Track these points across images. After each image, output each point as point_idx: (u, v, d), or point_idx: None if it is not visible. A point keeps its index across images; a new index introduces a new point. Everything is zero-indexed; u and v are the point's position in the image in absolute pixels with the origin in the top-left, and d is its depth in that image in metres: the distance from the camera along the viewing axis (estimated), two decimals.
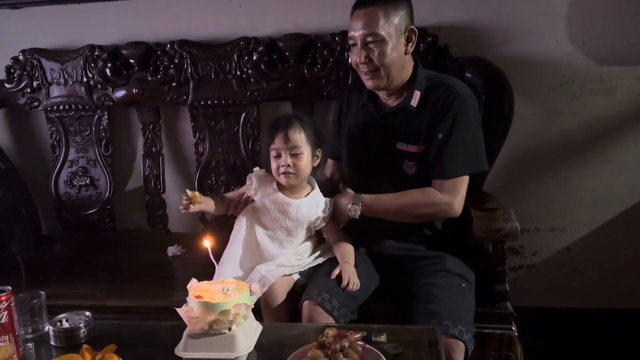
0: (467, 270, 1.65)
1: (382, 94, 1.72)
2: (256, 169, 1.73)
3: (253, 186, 1.69)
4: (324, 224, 1.67)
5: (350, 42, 1.65)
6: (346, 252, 1.64)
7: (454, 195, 1.61)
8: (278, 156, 1.60)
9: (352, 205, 1.65)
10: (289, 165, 1.58)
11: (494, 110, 1.99)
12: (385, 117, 1.71)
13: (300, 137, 1.60)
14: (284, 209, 1.64)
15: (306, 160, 1.61)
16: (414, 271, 1.63)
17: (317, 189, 1.70)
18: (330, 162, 1.92)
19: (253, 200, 1.70)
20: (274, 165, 1.62)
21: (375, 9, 1.57)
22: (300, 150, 1.59)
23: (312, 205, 1.67)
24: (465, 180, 1.63)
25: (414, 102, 1.64)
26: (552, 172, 2.21)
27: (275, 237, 1.65)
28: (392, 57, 1.60)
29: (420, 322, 1.43)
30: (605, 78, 2.10)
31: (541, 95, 2.14)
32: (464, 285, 1.59)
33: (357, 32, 1.60)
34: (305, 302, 1.50)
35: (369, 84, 1.67)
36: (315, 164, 1.66)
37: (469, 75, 2.01)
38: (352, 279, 1.54)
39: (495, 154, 2.04)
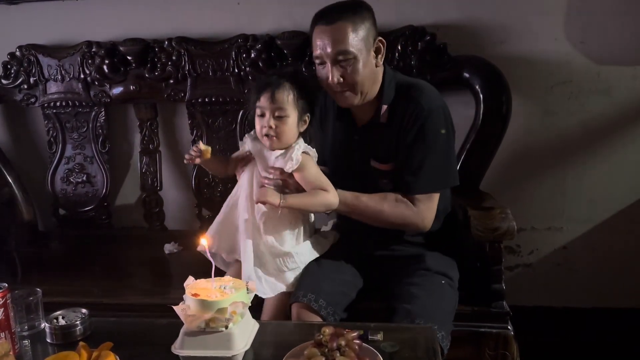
0: (448, 267, 1.64)
1: (353, 108, 1.64)
2: (247, 135, 1.65)
3: (247, 143, 1.62)
4: (290, 170, 1.51)
5: (317, 61, 1.55)
6: (307, 194, 1.52)
7: (425, 212, 1.57)
8: (262, 115, 1.50)
9: None
10: (270, 127, 1.48)
11: (491, 109, 2.00)
12: (358, 132, 1.65)
13: (287, 99, 1.48)
14: (262, 156, 1.57)
15: (291, 124, 1.50)
16: (395, 271, 1.63)
17: (297, 144, 1.54)
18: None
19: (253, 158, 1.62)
20: (257, 126, 1.52)
21: (343, 24, 1.48)
22: (285, 113, 1.48)
23: (284, 155, 1.53)
24: (435, 196, 1.58)
25: (383, 119, 1.58)
26: (549, 171, 2.21)
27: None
28: (365, 74, 1.52)
29: (397, 321, 1.42)
30: (603, 77, 2.10)
31: (539, 94, 2.14)
32: (443, 282, 1.59)
33: (325, 51, 1.50)
34: (293, 305, 1.50)
35: (341, 102, 1.59)
36: (301, 130, 1.54)
37: (467, 75, 2.02)
38: (261, 195, 1.45)
39: (492, 153, 2.05)
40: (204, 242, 1.28)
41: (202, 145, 1.54)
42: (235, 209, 1.61)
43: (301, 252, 1.59)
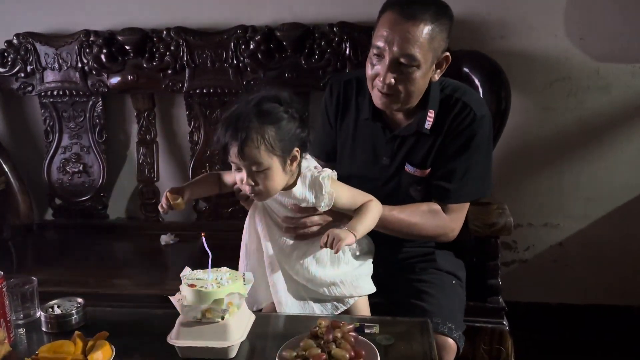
0: (457, 267, 1.63)
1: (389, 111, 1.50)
2: None
3: None
4: (329, 207, 1.29)
5: (375, 51, 1.37)
6: (356, 217, 1.28)
7: (456, 221, 1.50)
8: (238, 169, 1.23)
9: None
10: (251, 185, 1.22)
11: (490, 105, 1.99)
12: (394, 138, 1.51)
13: (259, 152, 1.17)
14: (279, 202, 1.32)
15: (275, 174, 1.21)
16: (404, 267, 1.61)
17: (320, 175, 1.27)
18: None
19: None
20: (237, 177, 1.25)
21: (421, 24, 1.31)
22: (264, 166, 1.19)
23: (306, 189, 1.29)
24: (467, 206, 1.52)
25: (428, 124, 1.44)
26: (547, 168, 2.21)
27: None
28: (419, 85, 1.38)
29: (410, 318, 1.41)
30: (602, 74, 2.10)
31: (538, 90, 2.14)
32: (454, 282, 1.58)
33: (389, 47, 1.33)
34: None
35: (379, 102, 1.43)
36: (293, 168, 1.24)
37: (467, 70, 2.01)
38: (334, 238, 1.19)
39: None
40: (203, 239, 1.24)
41: (171, 200, 1.31)
42: (256, 255, 1.37)
43: (349, 275, 1.36)
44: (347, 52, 2.09)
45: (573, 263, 2.27)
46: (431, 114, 1.44)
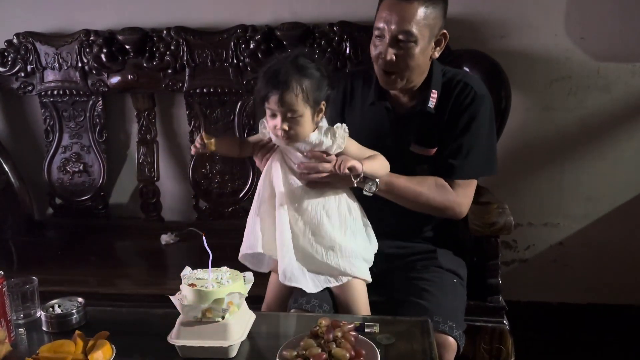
0: (458, 266, 1.63)
1: (394, 92, 1.59)
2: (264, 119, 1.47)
3: (267, 131, 1.45)
4: (336, 151, 1.40)
5: (376, 32, 1.49)
6: (374, 158, 1.40)
7: (464, 198, 1.54)
8: (274, 116, 1.36)
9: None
10: (284, 130, 1.35)
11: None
12: (398, 119, 1.58)
13: (297, 100, 1.33)
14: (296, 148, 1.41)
15: (306, 121, 1.36)
16: (406, 265, 1.61)
17: (337, 126, 1.41)
18: None
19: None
20: (270, 124, 1.38)
21: (417, 3, 1.42)
22: (298, 114, 1.34)
23: (322, 135, 1.40)
24: (474, 182, 1.57)
25: (432, 104, 1.53)
26: (547, 167, 2.21)
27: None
28: (418, 61, 1.47)
29: (410, 316, 1.39)
30: (602, 74, 2.10)
31: (538, 89, 2.14)
32: (455, 281, 1.58)
33: (388, 25, 1.44)
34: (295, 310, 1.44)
35: (384, 83, 1.53)
36: (318, 119, 1.40)
37: (467, 69, 2.01)
38: (344, 162, 1.30)
39: None
40: (204, 239, 1.25)
41: (206, 138, 1.43)
42: (267, 202, 1.43)
43: (349, 246, 1.40)
44: (347, 51, 2.09)
45: (573, 262, 2.27)
46: (434, 94, 1.53)
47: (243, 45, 2.14)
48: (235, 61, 2.16)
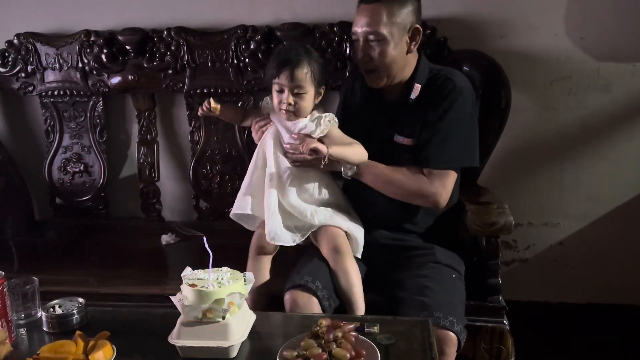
0: (456, 261, 1.66)
1: (382, 88, 1.69)
2: (267, 97, 1.69)
3: (268, 108, 1.67)
4: (318, 135, 1.57)
5: (353, 37, 1.63)
6: (346, 144, 1.57)
7: (440, 186, 1.58)
8: (281, 91, 1.56)
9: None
10: (290, 104, 1.55)
11: (490, 104, 1.99)
12: (385, 111, 1.69)
13: (305, 77, 1.54)
14: (287, 127, 1.61)
15: (309, 99, 1.57)
16: (403, 261, 1.64)
17: (325, 114, 1.61)
18: None
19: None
20: (275, 100, 1.59)
21: (379, 6, 1.54)
22: (304, 90, 1.55)
23: (312, 123, 1.59)
24: (452, 174, 1.60)
25: (413, 96, 1.62)
26: (547, 167, 2.21)
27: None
28: (393, 57, 1.57)
29: (410, 313, 1.43)
30: (603, 74, 2.10)
31: (538, 89, 2.14)
32: (453, 276, 1.60)
33: (359, 29, 1.58)
34: (288, 292, 1.51)
35: (369, 82, 1.66)
36: (317, 101, 1.61)
37: (467, 69, 2.01)
38: (308, 144, 1.47)
39: (490, 148, 2.04)
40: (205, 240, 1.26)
41: (213, 103, 1.63)
42: (259, 169, 1.64)
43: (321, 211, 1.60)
44: (347, 51, 2.09)
45: (573, 262, 2.27)
46: (417, 87, 1.62)
47: (243, 46, 2.14)
48: (235, 61, 2.16)
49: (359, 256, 1.62)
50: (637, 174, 2.17)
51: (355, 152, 1.58)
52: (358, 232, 1.63)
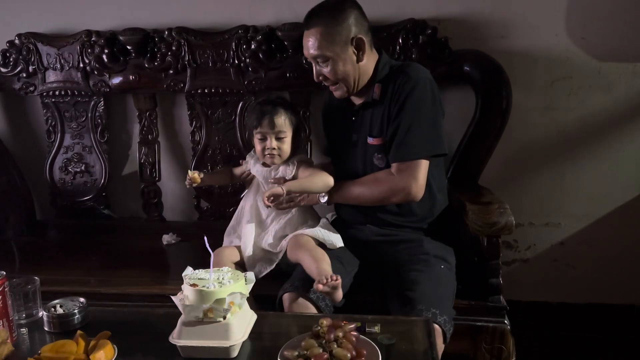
0: (446, 251, 1.67)
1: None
2: (252, 151, 1.82)
3: (250, 163, 1.82)
4: (291, 175, 1.72)
5: (309, 60, 1.69)
6: (305, 178, 1.68)
7: (409, 179, 1.60)
8: (264, 139, 1.70)
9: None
10: (273, 149, 1.70)
11: (491, 104, 2.00)
12: (355, 115, 1.73)
13: (284, 122, 1.69)
14: (265, 177, 1.77)
15: (288, 142, 1.72)
16: (393, 256, 1.65)
17: (291, 158, 1.76)
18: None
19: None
20: (258, 147, 1.72)
21: (317, 30, 1.59)
22: (284, 135, 1.70)
23: (284, 167, 1.75)
24: (421, 163, 1.60)
25: (375, 95, 1.65)
26: (548, 167, 2.21)
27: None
28: (344, 71, 1.62)
29: (395, 308, 1.45)
30: (603, 74, 2.10)
31: (539, 89, 2.14)
32: (442, 267, 1.60)
33: (306, 53, 1.65)
34: (284, 297, 1.53)
35: (335, 95, 1.72)
36: (294, 143, 1.75)
37: (468, 69, 2.02)
38: (263, 195, 1.62)
39: (491, 148, 2.05)
40: (205, 240, 1.27)
41: (189, 173, 1.78)
42: (245, 212, 1.81)
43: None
44: None
45: (574, 262, 2.27)
46: (377, 86, 1.66)
47: (244, 46, 2.14)
48: (236, 61, 2.16)
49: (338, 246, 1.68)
50: (638, 174, 2.17)
51: (314, 181, 1.67)
52: (325, 234, 1.69)
